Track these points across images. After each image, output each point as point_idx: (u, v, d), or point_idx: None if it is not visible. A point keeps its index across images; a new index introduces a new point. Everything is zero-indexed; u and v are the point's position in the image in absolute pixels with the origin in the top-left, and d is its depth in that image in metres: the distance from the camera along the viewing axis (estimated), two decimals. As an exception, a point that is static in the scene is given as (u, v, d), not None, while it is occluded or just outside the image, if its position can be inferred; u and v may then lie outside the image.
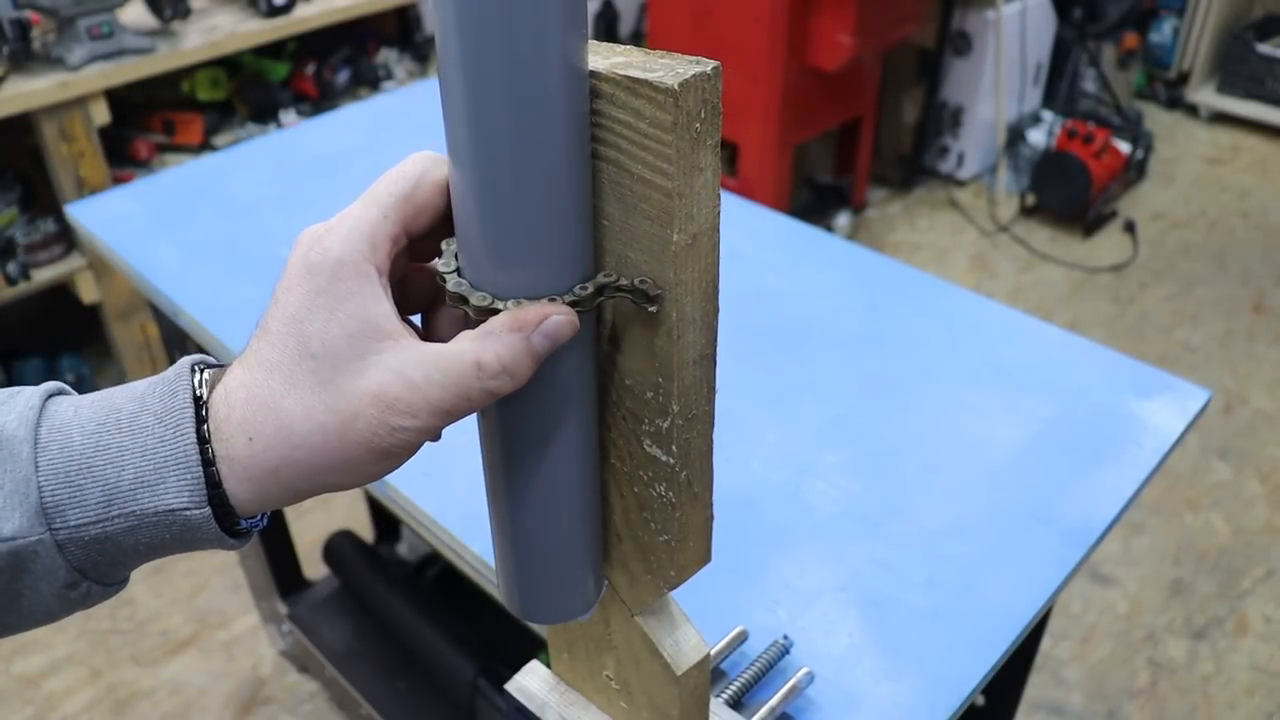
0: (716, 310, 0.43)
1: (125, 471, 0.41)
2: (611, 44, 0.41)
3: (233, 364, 0.45)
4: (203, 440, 0.42)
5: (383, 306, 0.42)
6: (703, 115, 0.38)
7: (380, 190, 0.44)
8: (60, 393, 0.45)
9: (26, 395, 0.43)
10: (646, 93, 0.38)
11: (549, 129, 0.38)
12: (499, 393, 0.42)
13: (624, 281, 0.42)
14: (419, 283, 0.48)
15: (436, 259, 0.45)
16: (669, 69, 0.38)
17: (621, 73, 0.38)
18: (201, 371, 0.45)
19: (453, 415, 0.42)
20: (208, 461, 0.42)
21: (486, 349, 0.41)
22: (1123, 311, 2.91)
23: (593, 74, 0.39)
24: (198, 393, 0.43)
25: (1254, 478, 2.34)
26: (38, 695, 1.90)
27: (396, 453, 0.42)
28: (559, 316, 0.42)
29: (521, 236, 0.41)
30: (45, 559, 0.41)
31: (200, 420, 0.42)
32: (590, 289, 0.42)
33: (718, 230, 0.41)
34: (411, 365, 0.41)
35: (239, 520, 0.44)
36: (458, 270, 0.44)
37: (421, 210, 0.45)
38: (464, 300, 0.42)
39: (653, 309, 0.42)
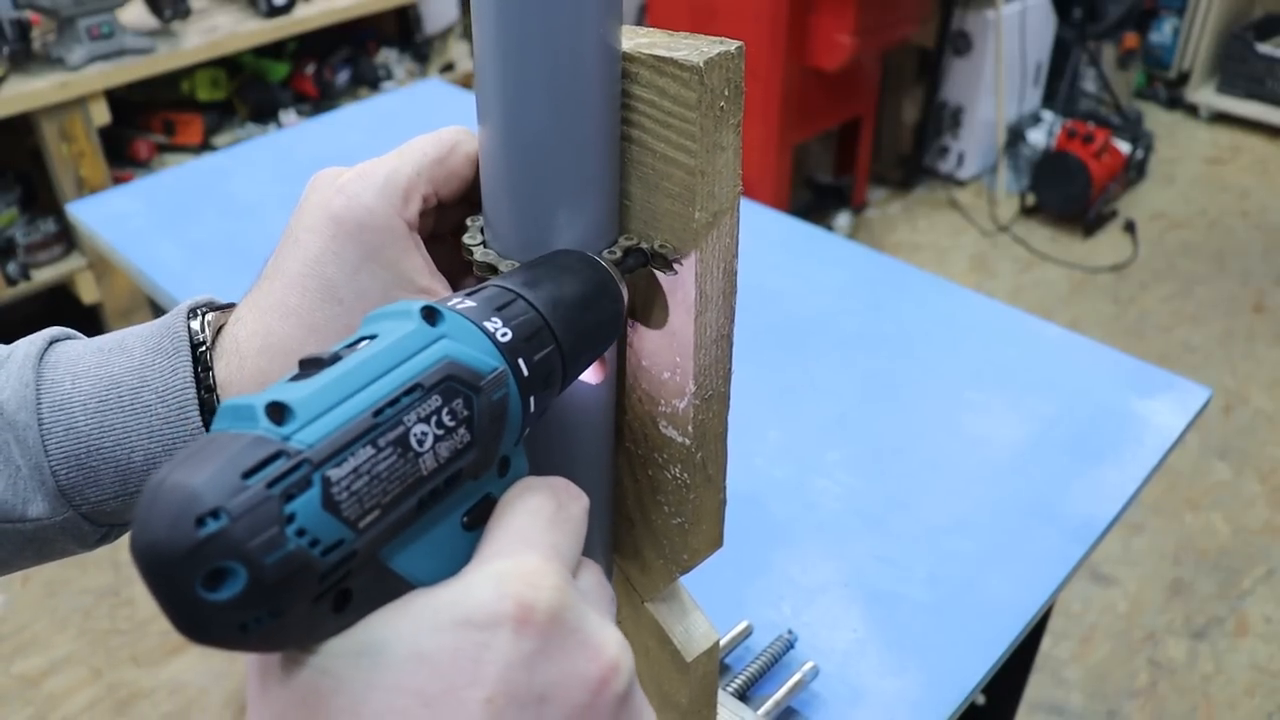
0: (735, 290, 0.43)
1: (135, 454, 0.41)
2: (634, 27, 0.41)
3: (240, 306, 0.43)
4: (208, 412, 0.42)
5: (417, 260, 0.41)
6: (726, 94, 0.38)
7: (415, 148, 0.43)
8: (55, 340, 0.44)
9: (19, 363, 0.42)
10: (671, 71, 0.38)
11: (582, 105, 0.39)
12: None
13: (645, 246, 0.42)
14: (438, 258, 0.47)
15: (464, 236, 0.44)
16: (694, 48, 0.38)
17: (647, 51, 0.39)
18: (203, 316, 0.43)
19: None
20: None
21: None
22: (1123, 311, 2.91)
23: None
24: (198, 349, 0.42)
25: (1254, 478, 2.34)
26: (38, 695, 1.90)
27: None
28: None
29: (552, 205, 0.41)
30: (73, 529, 0.42)
31: (202, 390, 0.42)
32: (619, 252, 0.42)
33: (738, 210, 0.41)
34: None
35: None
36: (484, 243, 0.44)
37: (452, 176, 0.44)
38: (493, 269, 0.42)
39: (671, 274, 0.42)
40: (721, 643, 0.77)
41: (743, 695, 0.74)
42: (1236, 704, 1.86)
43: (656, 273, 0.43)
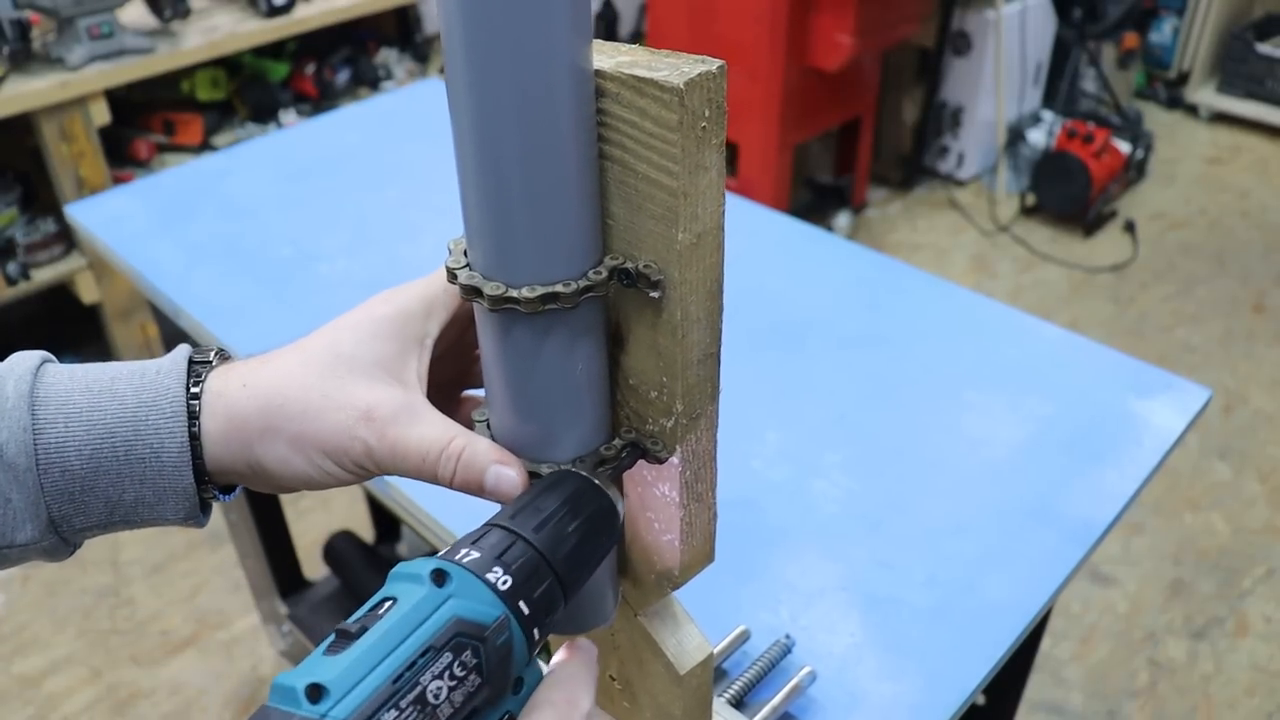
0: (721, 309, 0.43)
1: (126, 494, 0.44)
2: (617, 43, 0.41)
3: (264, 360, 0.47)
4: (198, 467, 0.45)
5: (411, 362, 0.47)
6: (708, 114, 0.38)
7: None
8: (43, 363, 0.45)
9: (12, 401, 0.43)
10: (652, 92, 0.38)
11: (555, 127, 0.38)
12: (445, 484, 0.46)
13: (629, 266, 0.42)
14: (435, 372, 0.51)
15: (447, 261, 0.45)
16: (674, 68, 0.38)
17: (627, 71, 0.38)
18: (204, 372, 0.46)
19: (402, 470, 0.46)
20: (202, 481, 0.45)
21: (471, 448, 0.45)
22: (1123, 311, 2.91)
23: (598, 73, 0.39)
24: (192, 408, 0.45)
25: (1254, 477, 2.34)
26: (38, 695, 1.90)
27: (341, 462, 0.45)
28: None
29: (531, 230, 0.41)
30: (51, 549, 0.45)
31: (195, 452, 0.45)
32: (604, 273, 0.42)
33: (722, 229, 0.41)
34: (408, 412, 0.45)
35: (214, 493, 0.47)
36: (467, 265, 0.44)
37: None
38: (478, 292, 0.42)
39: (656, 294, 0.42)
40: (719, 648, 0.77)
41: (740, 700, 0.74)
42: (1236, 704, 1.86)
43: (641, 293, 0.43)
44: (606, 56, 0.40)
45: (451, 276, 0.44)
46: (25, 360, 0.45)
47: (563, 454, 0.46)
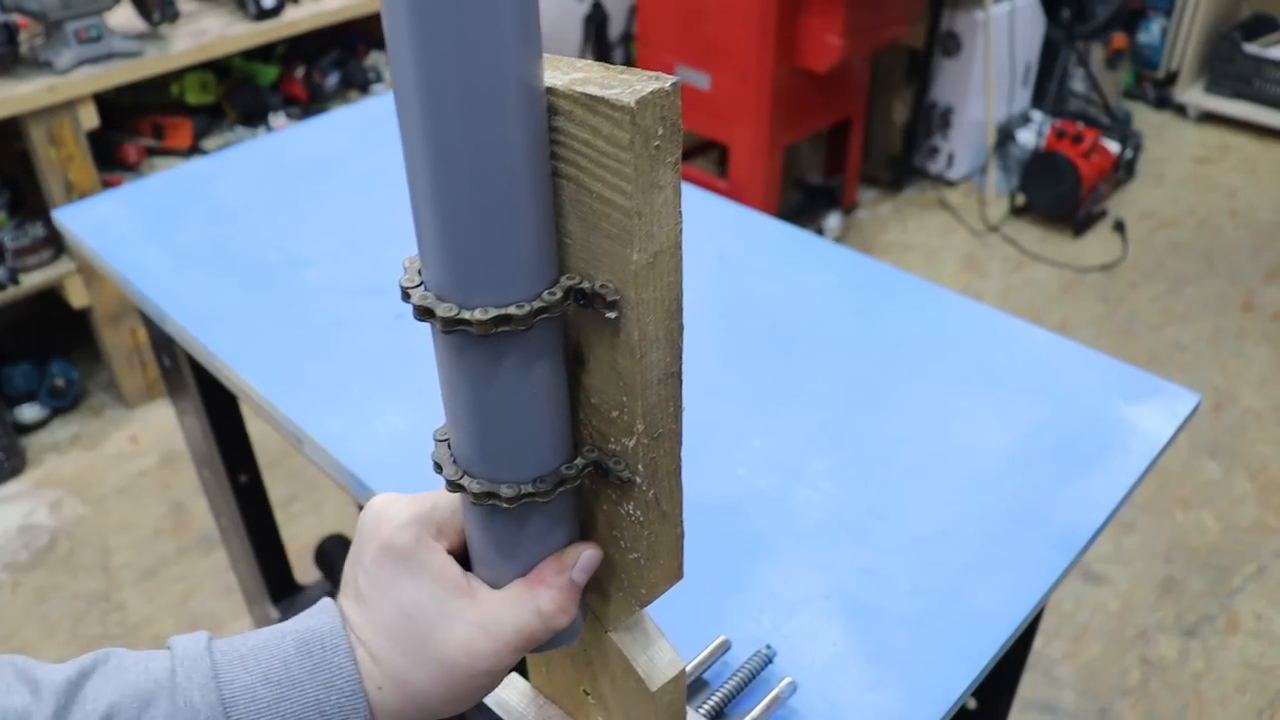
0: (681, 328, 0.43)
1: None
2: (572, 59, 0.40)
3: (345, 623, 0.51)
4: None
5: (452, 570, 0.51)
6: (661, 133, 0.37)
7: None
8: (210, 651, 0.48)
9: (204, 711, 0.45)
10: (604, 110, 0.37)
11: (506, 146, 0.38)
12: (558, 629, 0.50)
13: (586, 286, 0.42)
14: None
15: (401, 279, 0.45)
16: (627, 85, 0.37)
17: (579, 89, 0.38)
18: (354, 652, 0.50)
19: (525, 650, 0.51)
20: None
21: (543, 598, 0.50)
22: (1112, 311, 2.92)
23: (551, 90, 0.39)
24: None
25: (1243, 475, 2.35)
26: (27, 702, 1.89)
27: (489, 683, 0.51)
28: (590, 551, 0.51)
29: (483, 250, 0.40)
30: None
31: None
32: (559, 293, 0.42)
33: (680, 248, 0.40)
34: (488, 619, 0.50)
35: None
36: (422, 284, 0.43)
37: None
38: (430, 313, 0.42)
39: (612, 314, 0.41)
40: (698, 658, 0.77)
41: (719, 712, 0.73)
42: (1228, 701, 1.86)
43: (599, 313, 0.42)
44: (560, 73, 0.39)
45: (405, 296, 0.43)
46: (196, 659, 0.47)
47: (523, 474, 0.46)
